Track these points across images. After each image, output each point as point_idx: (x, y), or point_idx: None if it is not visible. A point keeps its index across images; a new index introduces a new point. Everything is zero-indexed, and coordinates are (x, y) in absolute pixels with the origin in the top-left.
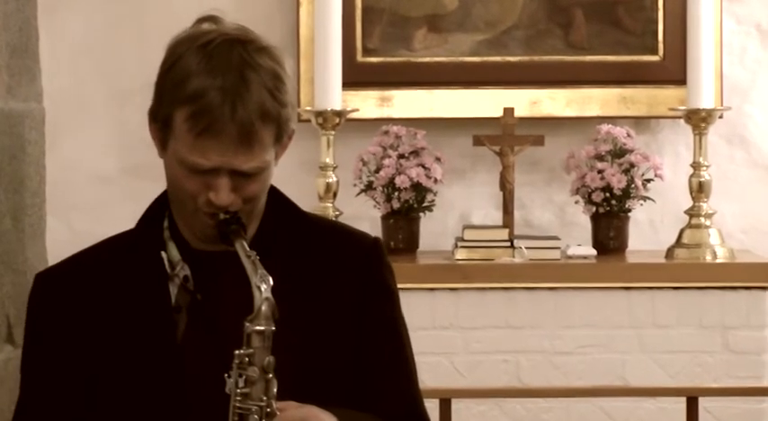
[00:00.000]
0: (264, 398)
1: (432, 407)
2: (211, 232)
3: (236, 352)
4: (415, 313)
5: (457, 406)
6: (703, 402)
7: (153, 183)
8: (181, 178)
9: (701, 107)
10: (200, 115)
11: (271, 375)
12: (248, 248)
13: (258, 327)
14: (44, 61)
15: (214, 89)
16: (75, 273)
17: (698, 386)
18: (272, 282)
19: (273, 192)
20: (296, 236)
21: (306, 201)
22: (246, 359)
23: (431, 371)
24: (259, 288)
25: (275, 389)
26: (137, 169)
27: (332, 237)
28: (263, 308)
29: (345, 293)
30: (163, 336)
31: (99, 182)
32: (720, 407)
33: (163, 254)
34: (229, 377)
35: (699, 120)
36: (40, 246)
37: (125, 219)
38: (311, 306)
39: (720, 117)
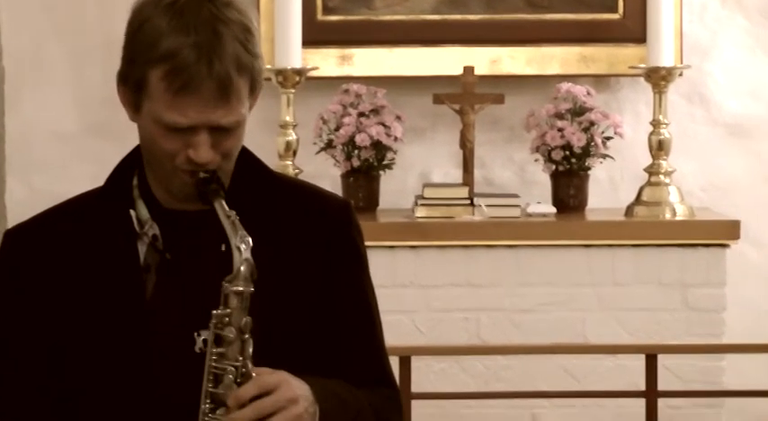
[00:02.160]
0: (240, 358)
1: (392, 364)
2: (190, 191)
3: (214, 312)
4: (376, 271)
5: (417, 363)
6: (662, 359)
7: (113, 143)
8: (158, 138)
9: (661, 65)
10: (176, 73)
11: (247, 336)
12: (227, 208)
13: (237, 288)
14: (3, 20)
15: (188, 46)
16: (43, 229)
17: (657, 343)
18: (251, 243)
19: (242, 151)
20: (266, 196)
21: (266, 159)
22: (224, 319)
23: (391, 329)
24: (239, 248)
25: (251, 350)
26: (97, 128)
27: (303, 198)
28: (243, 268)
29: (315, 256)
30: (131, 296)
31: (58, 141)
32: (680, 364)
33: (132, 212)
34: (199, 336)
35: (659, 78)
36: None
37: (85, 178)
38: (281, 268)
39: (680, 75)
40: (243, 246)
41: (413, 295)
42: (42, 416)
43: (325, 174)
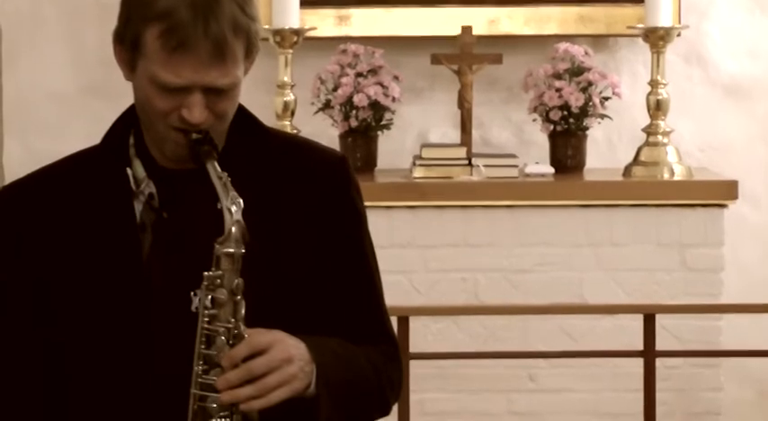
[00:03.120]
0: (232, 319)
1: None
2: (183, 151)
3: (205, 274)
4: (373, 231)
5: (415, 324)
6: (660, 319)
7: (110, 103)
8: (152, 97)
9: (659, 25)
10: (172, 32)
11: (239, 297)
12: (219, 169)
13: (228, 250)
14: None
15: (184, 6)
16: (39, 187)
17: (655, 303)
18: (242, 205)
19: (239, 109)
20: (262, 155)
21: (264, 119)
22: (215, 280)
23: (389, 289)
24: (230, 210)
25: (243, 311)
26: (94, 88)
27: (298, 153)
28: (234, 230)
29: (313, 214)
30: (127, 255)
31: (56, 101)
32: (677, 324)
33: (128, 170)
34: (195, 295)
35: (657, 38)
36: None
37: (82, 137)
38: (278, 226)
39: (678, 35)
40: (234, 208)
41: (411, 255)
42: (37, 372)
43: (323, 135)
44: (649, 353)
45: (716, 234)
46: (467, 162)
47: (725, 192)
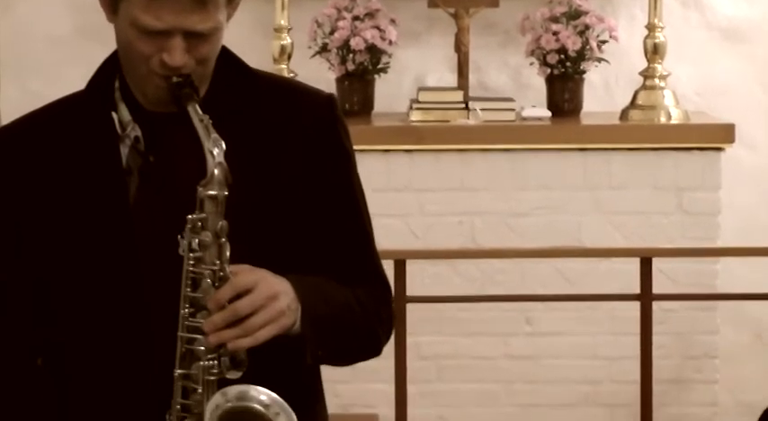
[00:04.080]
0: (217, 262)
1: (386, 268)
2: (164, 95)
3: (189, 216)
4: (370, 175)
5: (411, 267)
6: (657, 263)
7: (106, 46)
8: (133, 41)
9: None
10: None
11: (224, 239)
12: (201, 112)
13: (211, 192)
14: None
15: None
16: (24, 133)
17: (652, 247)
18: (224, 147)
19: (223, 51)
20: (247, 95)
21: (260, 63)
22: (199, 223)
23: (386, 232)
24: (212, 152)
25: (228, 254)
26: (90, 31)
27: (284, 94)
28: (216, 172)
29: (300, 154)
30: (114, 198)
31: (52, 44)
32: (674, 267)
33: (114, 114)
34: (182, 238)
35: None
36: None
37: (78, 81)
38: (265, 168)
39: None
40: (216, 150)
41: (408, 199)
42: (25, 316)
43: (320, 78)
44: (646, 297)
45: (713, 177)
46: (464, 106)
47: (722, 135)
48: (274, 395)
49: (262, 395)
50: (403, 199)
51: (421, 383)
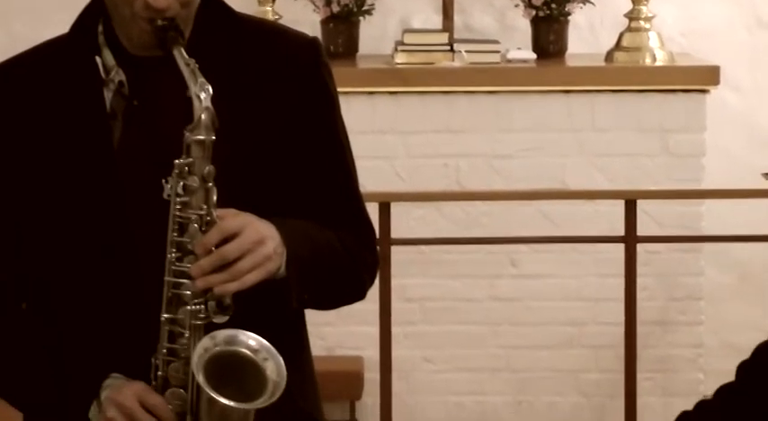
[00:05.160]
0: (204, 206)
1: (371, 210)
2: (148, 38)
3: (176, 161)
4: (355, 117)
5: (396, 209)
6: (642, 205)
7: None
8: None
9: None
10: None
11: (210, 184)
12: (186, 56)
13: (198, 137)
14: None
15: None
16: (8, 76)
17: (636, 189)
18: (211, 91)
19: None
20: (231, 39)
21: (245, 6)
22: (186, 168)
23: (370, 174)
24: (198, 97)
25: (215, 198)
26: None
27: (269, 38)
28: (203, 117)
29: (284, 98)
30: (98, 142)
31: None
32: (659, 210)
33: (97, 59)
34: (167, 183)
35: None
36: None
37: (63, 24)
38: (249, 112)
39: None
40: (203, 95)
41: (392, 141)
42: (8, 260)
43: (305, 21)
44: (630, 239)
45: (698, 119)
46: (449, 48)
47: (707, 77)
48: (263, 340)
49: (251, 340)
50: (388, 141)
51: (406, 325)
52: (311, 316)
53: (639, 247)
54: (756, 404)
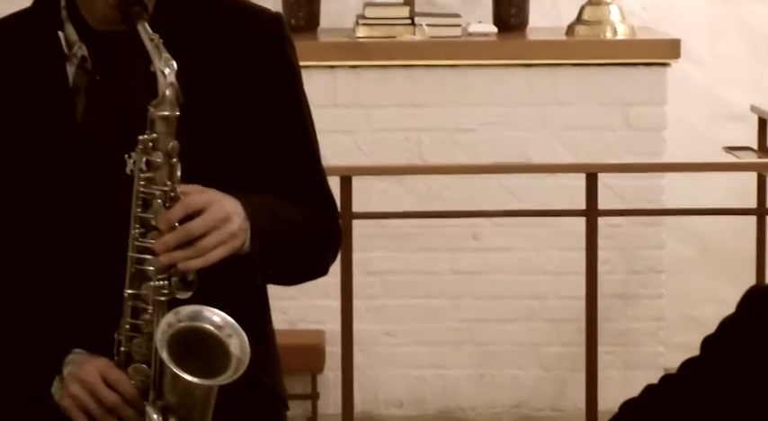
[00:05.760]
0: (168, 182)
1: (333, 184)
2: (112, 13)
3: (140, 137)
4: (317, 91)
5: (358, 183)
6: (603, 178)
7: None
8: None
9: None
10: None
11: (175, 160)
12: (150, 31)
13: (162, 113)
14: None
15: None
16: None
17: (598, 162)
18: (175, 67)
19: None
20: (195, 14)
21: None
22: (150, 144)
23: (332, 148)
24: (163, 72)
25: (179, 174)
26: None
27: (232, 13)
28: (168, 93)
29: (248, 73)
30: (61, 118)
31: None
32: (620, 183)
33: (60, 33)
34: (130, 158)
35: None
36: None
37: None
38: (213, 88)
39: None
40: (167, 70)
41: (354, 115)
42: None
43: None
44: (592, 212)
45: (659, 92)
46: (410, 21)
47: (668, 50)
48: (227, 316)
49: (215, 316)
50: (349, 115)
51: (367, 299)
52: (273, 290)
53: (601, 221)
54: (722, 379)
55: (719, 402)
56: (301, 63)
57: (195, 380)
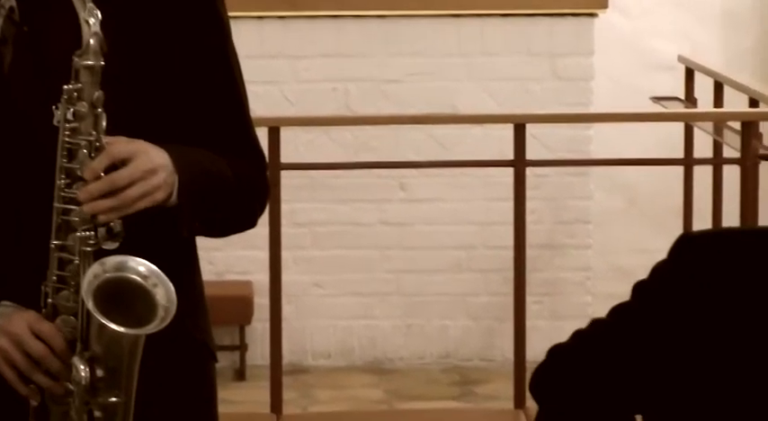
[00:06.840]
0: (94, 132)
1: (261, 135)
2: None
3: (65, 87)
4: (243, 42)
5: (286, 134)
6: (531, 129)
7: None
8: None
9: None
10: None
11: (100, 110)
12: None
13: (87, 62)
14: None
15: None
16: None
17: (525, 113)
18: (100, 17)
19: None
20: None
21: None
22: (75, 94)
23: (259, 99)
24: (87, 22)
25: (104, 124)
26: None
27: None
28: (92, 42)
29: (175, 23)
30: None
31: None
32: (547, 133)
33: None
34: (57, 109)
35: None
36: None
37: None
38: (139, 38)
39: None
40: (92, 20)
41: (281, 66)
42: None
43: None
44: (519, 163)
45: (586, 43)
46: None
47: (595, 0)
48: (153, 266)
49: (140, 266)
50: (276, 65)
51: (295, 250)
52: (201, 241)
53: (528, 171)
54: (655, 324)
55: (652, 346)
56: (229, 14)
57: (121, 329)
